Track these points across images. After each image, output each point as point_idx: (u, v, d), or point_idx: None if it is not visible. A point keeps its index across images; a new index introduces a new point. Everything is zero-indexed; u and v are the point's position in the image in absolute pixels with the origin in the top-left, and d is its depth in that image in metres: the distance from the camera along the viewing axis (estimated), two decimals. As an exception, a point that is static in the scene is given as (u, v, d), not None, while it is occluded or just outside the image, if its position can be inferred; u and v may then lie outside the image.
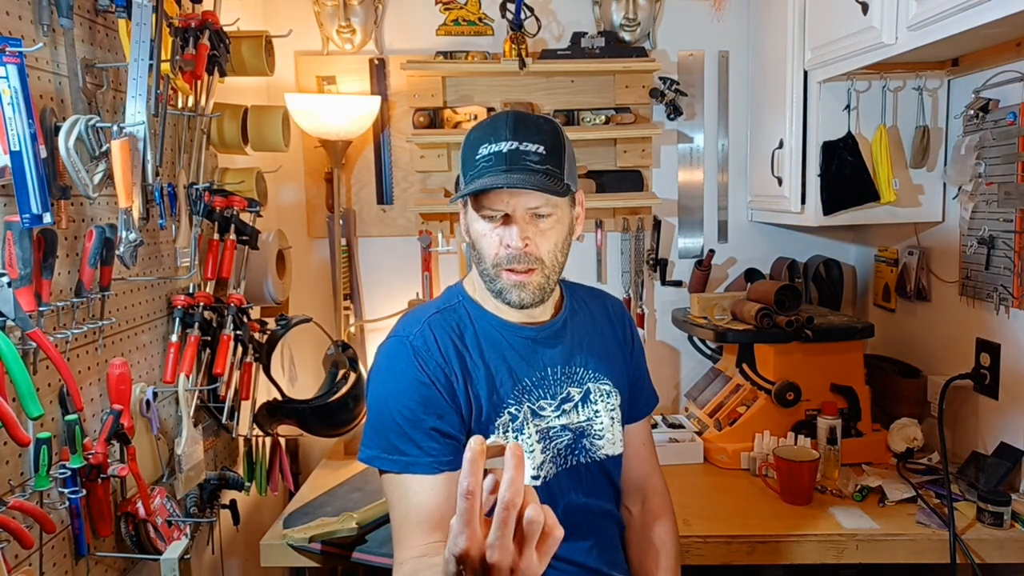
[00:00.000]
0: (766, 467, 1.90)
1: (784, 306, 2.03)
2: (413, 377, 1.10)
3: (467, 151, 1.12)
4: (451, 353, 1.13)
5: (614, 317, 1.36)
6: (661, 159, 2.47)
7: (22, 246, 1.11)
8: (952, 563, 1.58)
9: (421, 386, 1.10)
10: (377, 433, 1.12)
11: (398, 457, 1.08)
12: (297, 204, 2.45)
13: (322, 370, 2.22)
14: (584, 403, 1.23)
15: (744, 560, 1.63)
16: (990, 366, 1.81)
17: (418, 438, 1.08)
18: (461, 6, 2.39)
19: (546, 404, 1.19)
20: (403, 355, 1.12)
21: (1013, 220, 1.69)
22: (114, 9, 1.36)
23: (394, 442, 1.09)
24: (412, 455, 1.08)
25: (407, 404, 1.09)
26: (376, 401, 1.14)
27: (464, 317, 1.19)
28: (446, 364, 1.12)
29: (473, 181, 1.07)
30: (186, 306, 1.62)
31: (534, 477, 1.16)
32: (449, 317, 1.18)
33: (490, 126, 1.11)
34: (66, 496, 1.22)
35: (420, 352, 1.12)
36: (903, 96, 1.97)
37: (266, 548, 1.68)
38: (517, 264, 1.10)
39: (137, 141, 1.30)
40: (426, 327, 1.15)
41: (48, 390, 1.23)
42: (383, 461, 1.10)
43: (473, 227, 1.13)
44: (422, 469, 1.07)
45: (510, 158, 1.06)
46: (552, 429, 1.19)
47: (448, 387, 1.11)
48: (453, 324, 1.17)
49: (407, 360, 1.11)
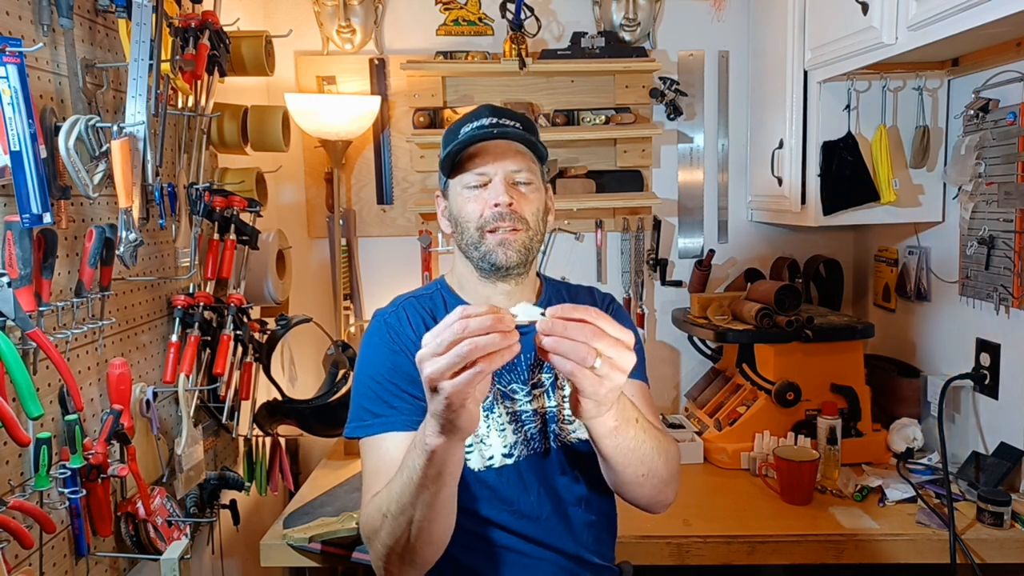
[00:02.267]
0: (766, 467, 1.90)
1: (784, 306, 2.03)
2: (385, 347, 1.18)
3: (448, 136, 1.21)
4: (421, 330, 1.17)
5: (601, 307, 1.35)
6: (661, 159, 2.47)
7: (22, 246, 1.11)
8: (952, 563, 1.58)
9: (392, 354, 1.17)
10: (356, 406, 1.18)
11: (372, 420, 1.14)
12: (297, 204, 2.45)
13: (322, 370, 2.22)
14: (554, 389, 1.24)
15: (744, 560, 1.63)
16: (990, 366, 1.81)
17: (389, 399, 1.14)
18: (461, 6, 2.39)
19: (518, 388, 1.22)
20: (375, 330, 1.22)
21: (1013, 220, 1.68)
22: (114, 9, 1.36)
23: (368, 407, 1.15)
24: (385, 415, 1.13)
25: (379, 371, 1.16)
26: (355, 378, 1.21)
27: (439, 302, 1.26)
28: (416, 338, 1.17)
29: (455, 145, 1.16)
30: (186, 306, 1.62)
31: (506, 456, 1.19)
32: (424, 302, 1.26)
33: (470, 114, 1.21)
34: (66, 496, 1.22)
35: (392, 326, 1.20)
36: (903, 96, 1.97)
37: (266, 548, 1.68)
38: (503, 222, 1.15)
39: (137, 141, 1.30)
40: (400, 308, 1.24)
41: (48, 390, 1.23)
42: (359, 429, 1.15)
43: (456, 201, 1.20)
44: (394, 427, 1.12)
45: (491, 127, 1.16)
46: (524, 413, 1.21)
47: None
48: (427, 307, 1.25)
49: (380, 334, 1.20)
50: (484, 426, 1.18)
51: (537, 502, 1.20)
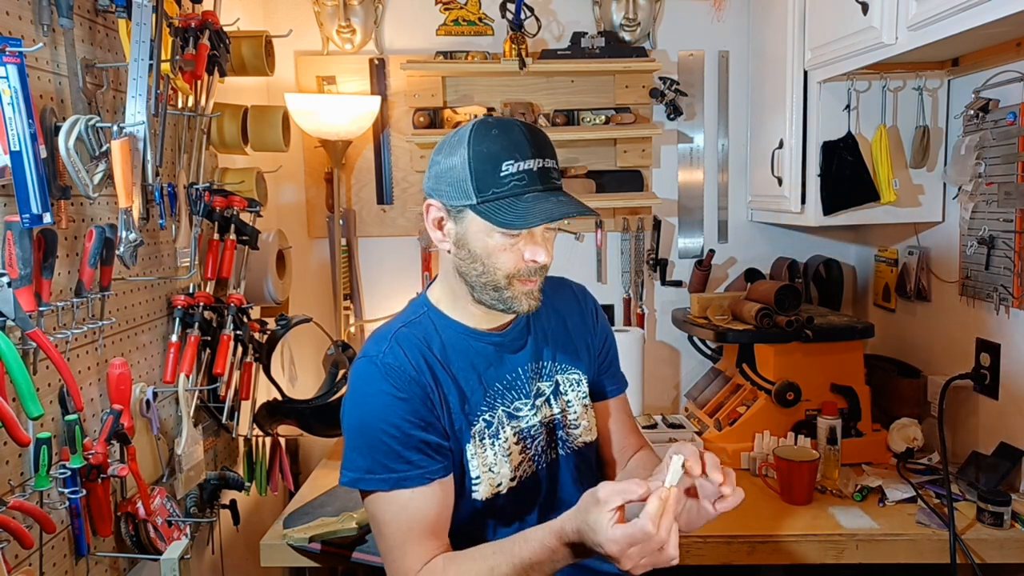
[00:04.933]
0: (766, 467, 1.90)
1: (784, 306, 2.03)
2: (390, 395, 1.08)
3: (486, 165, 1.04)
4: (422, 366, 1.11)
5: (580, 300, 1.35)
6: (661, 159, 2.47)
7: (22, 246, 1.11)
8: (952, 563, 1.58)
9: (401, 402, 1.08)
10: (361, 455, 1.08)
11: (387, 475, 1.06)
12: (297, 204, 2.45)
13: (322, 370, 2.22)
14: (555, 396, 1.23)
15: (744, 560, 1.63)
16: (990, 366, 1.81)
17: (407, 454, 1.06)
18: (461, 6, 2.39)
19: (521, 404, 1.18)
20: (375, 375, 1.09)
21: (1013, 220, 1.68)
22: (114, 9, 1.36)
23: (383, 461, 1.06)
24: (401, 470, 1.06)
25: (391, 421, 1.07)
26: (356, 424, 1.10)
27: (430, 328, 1.16)
28: (419, 376, 1.10)
29: (508, 200, 1.04)
30: (186, 306, 1.62)
31: (512, 480, 1.16)
32: (415, 330, 1.15)
33: (508, 139, 1.05)
34: (66, 496, 1.22)
35: (392, 369, 1.09)
36: (903, 96, 1.97)
37: (266, 548, 1.68)
38: (538, 275, 1.11)
39: (137, 141, 1.30)
40: (394, 343, 1.12)
41: (48, 390, 1.23)
42: (370, 482, 1.07)
43: (484, 241, 1.08)
44: (414, 482, 1.06)
45: (541, 178, 1.05)
46: (531, 428, 1.19)
47: (425, 399, 1.10)
48: (420, 337, 1.14)
49: (380, 379, 1.09)
50: (492, 454, 1.14)
51: (539, 518, 1.18)
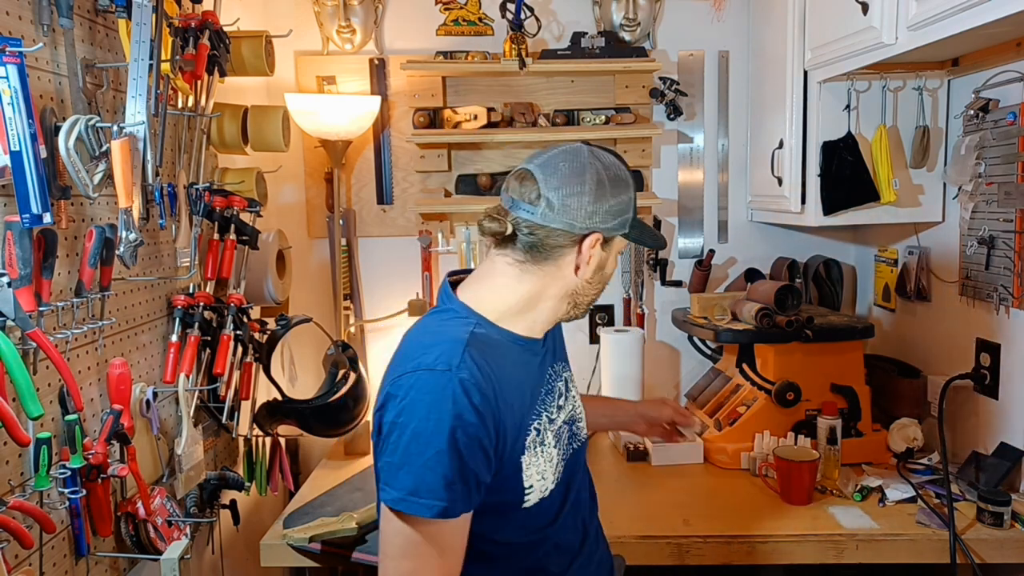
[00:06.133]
0: (766, 467, 1.90)
1: (784, 306, 2.03)
2: (463, 418, 0.99)
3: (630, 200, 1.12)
4: (493, 383, 1.04)
5: None
6: (661, 159, 2.47)
7: (22, 246, 1.11)
8: (952, 563, 1.58)
9: (471, 427, 1.00)
10: (409, 474, 0.99)
11: (433, 503, 0.98)
12: (297, 204, 2.45)
13: (322, 370, 2.22)
14: (567, 392, 1.25)
15: (744, 560, 1.63)
16: (990, 366, 1.81)
17: (457, 486, 0.99)
18: (461, 6, 2.39)
19: (553, 407, 1.19)
20: (449, 392, 0.99)
21: (1013, 220, 1.68)
22: (114, 9, 1.36)
23: (433, 486, 0.98)
24: (444, 503, 0.98)
25: (455, 446, 0.98)
26: (413, 440, 1.00)
27: (491, 341, 1.09)
28: (492, 397, 1.03)
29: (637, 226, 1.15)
30: (186, 306, 1.62)
31: (552, 482, 1.15)
32: (483, 341, 1.07)
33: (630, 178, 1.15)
34: (66, 496, 1.22)
35: (468, 388, 1.00)
36: (903, 96, 1.97)
37: (266, 548, 1.68)
38: None
39: (137, 141, 1.30)
40: (467, 356, 1.03)
41: (48, 390, 1.23)
42: (413, 505, 0.99)
43: (610, 259, 1.16)
44: (454, 514, 1.00)
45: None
46: (560, 428, 1.19)
47: (495, 425, 1.04)
48: (488, 350, 1.07)
49: (453, 398, 0.99)
50: (541, 461, 1.11)
51: (570, 511, 1.21)
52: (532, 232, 1.07)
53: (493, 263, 1.12)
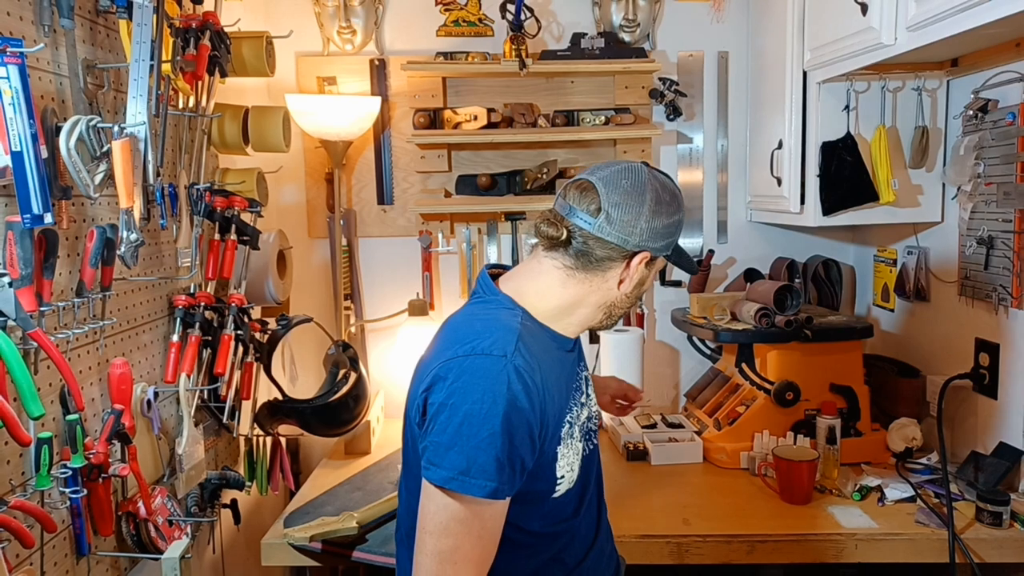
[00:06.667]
0: (765, 467, 1.90)
1: (783, 306, 2.03)
2: (517, 403, 1.02)
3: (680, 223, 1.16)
4: (539, 374, 1.08)
5: None
6: (661, 159, 2.48)
7: (23, 246, 1.12)
8: (951, 563, 1.58)
9: (523, 412, 1.03)
10: (461, 454, 1.01)
11: (484, 483, 1.01)
12: (297, 204, 2.46)
13: (322, 370, 2.23)
14: (588, 389, 1.27)
15: (744, 560, 1.63)
16: (989, 366, 1.82)
17: (506, 469, 1.02)
18: (461, 7, 2.40)
19: (581, 402, 1.22)
20: (504, 377, 1.03)
21: (1012, 220, 1.69)
22: (115, 10, 1.36)
23: (486, 467, 1.01)
24: (495, 483, 1.01)
25: (508, 430, 1.01)
26: (466, 421, 1.02)
27: (536, 334, 1.13)
28: (540, 386, 1.06)
29: (680, 256, 1.20)
30: (187, 306, 1.62)
31: (579, 473, 1.18)
32: (530, 330, 1.12)
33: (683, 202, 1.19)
34: (67, 496, 1.22)
35: (522, 374, 1.04)
36: (902, 96, 1.97)
37: (267, 547, 1.68)
38: None
39: (138, 141, 1.31)
40: (521, 345, 1.06)
41: (49, 390, 1.24)
42: (465, 484, 1.01)
43: (650, 279, 1.20)
44: (502, 496, 1.03)
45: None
46: (583, 422, 1.22)
47: (541, 413, 1.07)
48: (534, 342, 1.11)
49: (508, 383, 1.02)
50: (572, 452, 1.15)
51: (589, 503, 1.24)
52: (586, 242, 1.11)
53: (540, 263, 1.15)
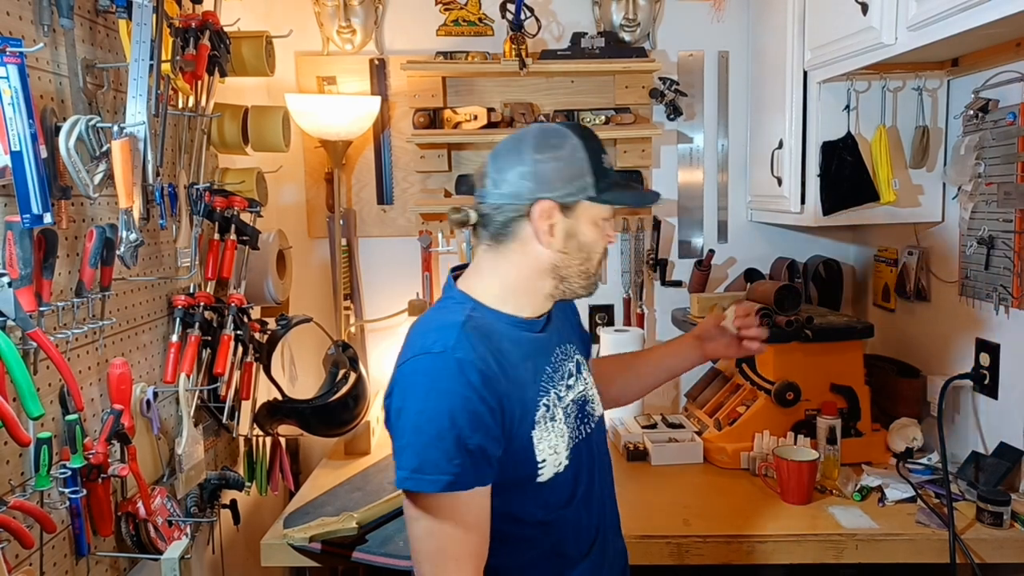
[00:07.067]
0: (766, 467, 1.90)
1: (784, 306, 2.02)
2: (461, 394, 1.01)
3: (588, 155, 1.12)
4: (491, 361, 1.06)
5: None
6: (661, 159, 2.47)
7: (22, 246, 1.12)
8: (952, 563, 1.58)
9: (469, 402, 1.01)
10: (414, 454, 1.02)
11: (437, 477, 1.00)
12: (297, 204, 2.45)
13: (322, 370, 2.22)
14: (579, 373, 1.25)
15: (744, 560, 1.63)
16: (989, 366, 1.81)
17: (460, 460, 1.00)
18: (461, 6, 2.40)
19: (562, 385, 1.20)
20: (446, 371, 1.02)
21: (1013, 220, 1.69)
22: (114, 9, 1.36)
23: (438, 461, 1.00)
24: (448, 476, 1.00)
25: (455, 422, 1.00)
26: (415, 421, 1.03)
27: (487, 322, 1.11)
28: (491, 374, 1.04)
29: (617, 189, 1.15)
30: (186, 306, 1.62)
31: (566, 457, 1.15)
32: (478, 323, 1.09)
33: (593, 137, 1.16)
34: (66, 496, 1.22)
35: (465, 366, 1.02)
36: (903, 96, 1.97)
37: (266, 548, 1.68)
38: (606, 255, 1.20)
39: (137, 141, 1.30)
40: (463, 337, 1.05)
41: (48, 390, 1.24)
42: (419, 481, 1.01)
43: (586, 226, 1.12)
44: (463, 487, 1.01)
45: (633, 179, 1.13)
46: (569, 406, 1.20)
47: (496, 400, 1.05)
48: (484, 331, 1.09)
49: (452, 376, 1.02)
50: (553, 436, 1.12)
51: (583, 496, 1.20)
52: (486, 214, 1.12)
53: (477, 252, 1.19)
